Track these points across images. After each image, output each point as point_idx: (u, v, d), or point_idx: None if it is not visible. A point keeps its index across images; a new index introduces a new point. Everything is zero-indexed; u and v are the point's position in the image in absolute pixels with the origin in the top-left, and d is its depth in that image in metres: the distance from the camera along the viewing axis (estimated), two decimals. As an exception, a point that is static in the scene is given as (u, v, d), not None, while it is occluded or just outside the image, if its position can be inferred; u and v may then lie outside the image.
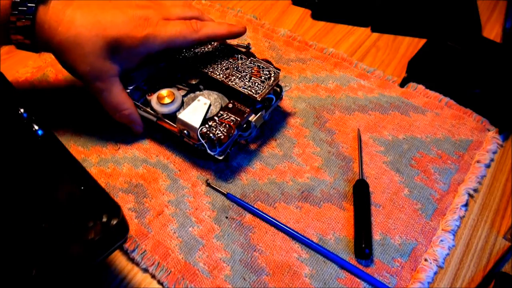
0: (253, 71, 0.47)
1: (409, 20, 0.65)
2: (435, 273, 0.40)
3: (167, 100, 0.45)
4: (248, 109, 0.45)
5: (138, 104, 0.47)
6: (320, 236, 0.42)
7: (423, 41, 0.61)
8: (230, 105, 0.45)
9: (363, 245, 0.40)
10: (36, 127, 0.37)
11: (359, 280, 0.39)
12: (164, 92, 0.46)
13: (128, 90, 0.46)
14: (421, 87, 0.56)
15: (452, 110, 0.53)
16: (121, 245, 0.35)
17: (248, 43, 0.61)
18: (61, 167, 0.35)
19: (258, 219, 0.44)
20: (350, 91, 0.56)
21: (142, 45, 0.44)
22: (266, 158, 0.49)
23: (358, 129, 0.51)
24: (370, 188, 0.45)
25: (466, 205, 0.45)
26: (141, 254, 0.41)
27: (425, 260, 0.41)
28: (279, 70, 0.47)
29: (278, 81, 0.47)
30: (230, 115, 0.44)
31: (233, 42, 0.62)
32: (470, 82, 0.53)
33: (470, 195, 0.46)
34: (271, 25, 0.64)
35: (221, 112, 0.44)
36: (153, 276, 0.40)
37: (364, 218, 0.42)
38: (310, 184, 0.46)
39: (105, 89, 0.44)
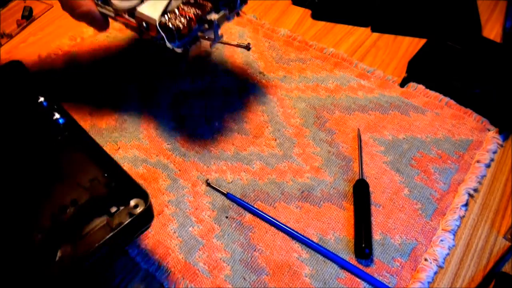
0: None
1: (409, 20, 0.65)
2: (435, 273, 0.40)
3: None
4: (210, 4, 0.43)
5: (97, 2, 0.44)
6: (320, 236, 0.42)
7: (423, 41, 0.61)
8: (192, 0, 0.43)
9: (363, 245, 0.40)
10: (58, 115, 0.40)
11: (359, 280, 0.39)
12: None
13: None
14: (421, 87, 0.56)
15: (452, 110, 0.53)
16: (146, 230, 0.36)
17: (248, 43, 0.61)
18: (88, 155, 0.37)
19: (258, 219, 0.44)
20: (350, 91, 0.56)
21: None
22: (266, 158, 0.49)
23: (358, 129, 0.51)
24: (370, 188, 0.45)
25: (466, 205, 0.45)
26: (141, 253, 0.41)
27: (425, 260, 0.41)
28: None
29: None
30: (191, 8, 0.42)
31: (233, 42, 0.62)
32: (470, 82, 0.53)
33: (470, 195, 0.46)
34: (271, 25, 0.64)
35: (182, 6, 0.42)
36: (153, 276, 0.40)
37: (364, 218, 0.42)
38: (310, 184, 0.46)
39: None
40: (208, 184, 0.46)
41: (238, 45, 0.61)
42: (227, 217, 0.44)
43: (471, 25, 0.64)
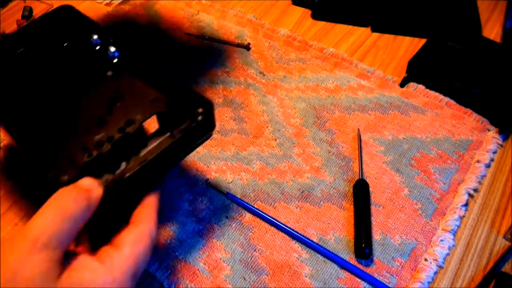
0: None
1: (409, 20, 0.65)
2: (435, 273, 0.40)
3: None
4: None
5: None
6: (320, 236, 0.42)
7: (423, 41, 0.61)
8: None
9: (363, 245, 0.40)
10: (113, 49, 0.42)
11: (359, 280, 0.39)
12: None
13: None
14: (421, 87, 0.56)
15: (452, 110, 0.53)
16: (207, 139, 0.38)
17: (248, 43, 0.61)
18: (147, 80, 0.39)
19: (258, 219, 0.44)
20: (350, 91, 0.56)
21: None
22: (266, 158, 0.49)
23: (358, 129, 0.51)
24: (370, 188, 0.45)
25: (466, 205, 0.45)
26: (141, 254, 0.41)
27: (425, 260, 0.41)
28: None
29: None
30: None
31: (233, 42, 0.62)
32: (470, 82, 0.53)
33: (470, 195, 0.46)
34: (271, 25, 0.64)
35: None
36: (153, 276, 0.40)
37: (364, 218, 0.42)
38: (310, 184, 0.46)
39: None
40: (208, 184, 0.46)
41: (238, 45, 0.61)
42: (227, 217, 0.44)
43: (471, 25, 0.64)
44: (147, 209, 0.34)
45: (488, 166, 0.48)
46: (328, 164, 0.48)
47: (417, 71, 0.56)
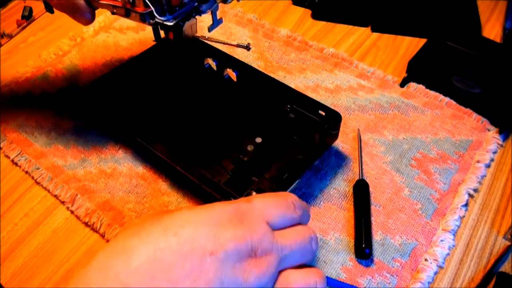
0: None
1: (409, 20, 0.65)
2: (435, 273, 0.40)
3: None
4: None
5: None
6: (320, 236, 0.42)
7: (423, 41, 0.61)
8: None
9: (363, 245, 0.40)
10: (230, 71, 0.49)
11: (359, 280, 0.39)
12: None
13: None
14: (421, 87, 0.56)
15: (452, 110, 0.53)
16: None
17: (248, 43, 0.61)
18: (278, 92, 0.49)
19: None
20: (350, 91, 0.56)
21: None
22: (266, 158, 0.49)
23: (358, 129, 0.51)
24: (370, 188, 0.45)
25: (466, 205, 0.45)
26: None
27: (425, 260, 0.41)
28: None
29: None
30: None
31: (233, 42, 0.62)
32: (470, 82, 0.53)
33: (470, 195, 0.46)
34: (271, 25, 0.64)
35: None
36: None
37: (364, 218, 0.42)
38: (310, 184, 0.46)
39: None
40: (208, 184, 0.46)
41: (238, 45, 0.61)
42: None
43: (471, 25, 0.64)
44: None
45: (488, 166, 0.48)
46: (328, 164, 0.48)
47: (417, 71, 0.56)
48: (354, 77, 0.57)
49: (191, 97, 0.51)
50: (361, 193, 0.44)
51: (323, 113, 0.46)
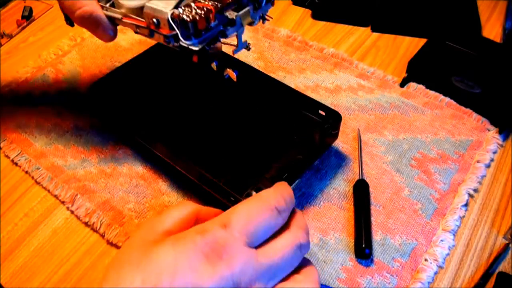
0: None
1: (409, 20, 0.65)
2: (435, 273, 0.40)
3: None
4: None
5: (102, 4, 0.40)
6: (320, 236, 0.42)
7: (423, 41, 0.61)
8: None
9: (363, 245, 0.40)
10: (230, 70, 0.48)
11: (359, 280, 0.39)
12: None
13: None
14: (421, 87, 0.56)
15: (452, 110, 0.53)
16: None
17: (248, 43, 0.61)
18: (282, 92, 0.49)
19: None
20: (350, 91, 0.56)
21: None
22: (266, 158, 0.49)
23: (358, 129, 0.51)
24: (370, 188, 0.45)
25: (466, 205, 0.45)
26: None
27: (425, 260, 0.41)
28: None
29: None
30: (209, 1, 0.36)
31: (233, 42, 0.62)
32: (470, 82, 0.53)
33: (470, 195, 0.46)
34: (271, 25, 0.64)
35: None
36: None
37: (364, 218, 0.42)
38: (310, 184, 0.46)
39: None
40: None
41: (238, 45, 0.61)
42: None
43: (471, 25, 0.64)
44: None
45: (488, 166, 0.48)
46: (328, 164, 0.48)
47: (417, 71, 0.56)
48: (354, 77, 0.57)
49: (191, 97, 0.51)
50: (361, 193, 0.44)
51: (323, 113, 0.46)
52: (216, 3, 0.36)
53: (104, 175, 0.47)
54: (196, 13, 0.34)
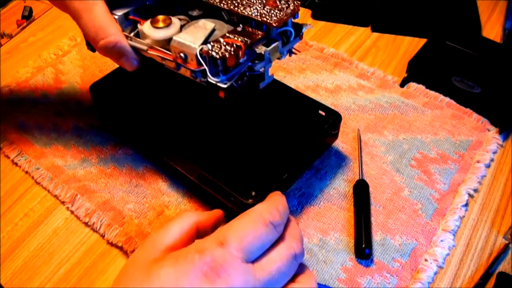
0: (267, 1, 0.39)
1: (409, 20, 0.65)
2: (435, 273, 0.40)
3: (162, 24, 0.37)
4: (261, 32, 0.37)
5: (127, 34, 0.39)
6: (320, 236, 0.42)
7: (423, 41, 0.61)
8: (240, 28, 0.37)
9: (363, 245, 0.40)
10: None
11: (359, 280, 0.39)
12: (159, 16, 0.38)
13: (116, 17, 0.38)
14: (421, 87, 0.56)
15: (452, 110, 0.53)
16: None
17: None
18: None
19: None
20: (350, 91, 0.56)
21: None
22: (266, 158, 0.49)
23: (358, 129, 0.51)
24: (370, 188, 0.45)
25: (466, 205, 0.45)
26: (141, 254, 0.41)
27: (425, 260, 0.41)
28: (300, 1, 0.40)
29: (298, 10, 0.39)
30: (239, 36, 0.35)
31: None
32: (470, 82, 0.53)
33: (470, 195, 0.46)
34: (271, 25, 0.64)
35: (228, 34, 0.36)
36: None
37: (364, 218, 0.42)
38: (310, 184, 0.46)
39: (86, 9, 0.36)
40: (209, 184, 0.46)
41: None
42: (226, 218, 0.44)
43: (471, 25, 0.64)
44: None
45: (488, 166, 0.48)
46: (328, 164, 0.48)
47: (417, 71, 0.56)
48: (354, 77, 0.57)
49: (191, 97, 0.51)
50: (361, 193, 0.44)
51: (323, 113, 0.46)
52: (246, 39, 0.35)
53: (104, 175, 0.47)
54: (226, 49, 0.34)
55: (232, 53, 0.33)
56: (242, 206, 0.39)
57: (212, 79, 0.34)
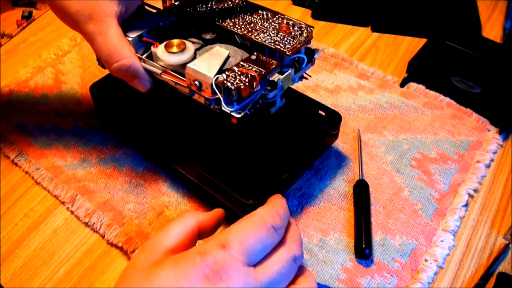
0: (281, 26, 0.39)
1: (409, 20, 0.65)
2: (435, 273, 0.40)
3: (176, 49, 0.38)
4: (275, 61, 0.37)
5: (140, 56, 0.39)
6: (320, 237, 0.42)
7: (423, 41, 0.61)
8: (254, 57, 0.37)
9: (363, 246, 0.40)
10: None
11: (359, 281, 0.39)
12: (173, 40, 0.38)
13: (130, 39, 0.39)
14: (421, 87, 0.56)
15: (452, 110, 0.53)
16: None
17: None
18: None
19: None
20: (350, 91, 0.56)
21: None
22: (266, 158, 0.49)
23: (358, 129, 0.51)
24: (370, 189, 0.45)
25: (466, 205, 0.45)
26: (141, 254, 0.41)
27: (425, 260, 0.41)
28: (313, 27, 0.40)
29: (311, 38, 0.39)
30: (253, 66, 0.36)
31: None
32: (470, 82, 0.53)
33: (470, 195, 0.46)
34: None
35: (242, 63, 0.36)
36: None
37: (364, 218, 0.42)
38: (310, 184, 0.46)
39: (100, 32, 0.36)
40: (209, 185, 0.46)
41: (238, 45, 0.61)
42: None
43: (471, 25, 0.64)
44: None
45: (488, 166, 0.48)
46: (328, 164, 0.48)
47: (417, 71, 0.56)
48: (354, 77, 0.57)
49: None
50: (361, 193, 0.44)
51: (323, 113, 0.46)
52: (260, 68, 0.36)
53: (104, 175, 0.47)
54: (241, 80, 0.34)
55: (247, 84, 0.34)
56: (242, 206, 0.39)
57: (226, 109, 0.35)
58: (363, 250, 0.40)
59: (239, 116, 0.35)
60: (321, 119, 0.46)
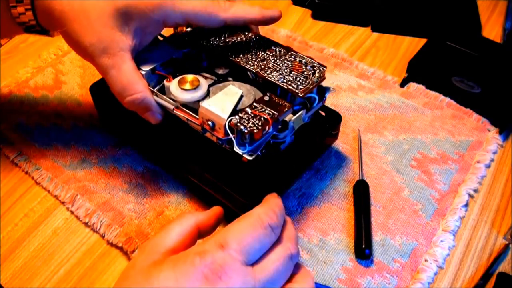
0: (293, 65, 0.40)
1: (409, 20, 0.65)
2: (435, 274, 0.40)
3: (189, 86, 0.38)
4: (288, 104, 0.37)
5: (153, 90, 0.39)
6: (320, 237, 0.42)
7: (423, 41, 0.61)
8: (267, 98, 0.37)
9: (363, 246, 0.40)
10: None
11: (359, 281, 0.39)
12: (187, 76, 0.39)
13: (143, 72, 0.39)
14: (421, 87, 0.56)
15: (452, 110, 0.53)
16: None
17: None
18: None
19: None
20: (350, 91, 0.56)
21: (157, 11, 0.37)
22: (266, 158, 0.49)
23: (358, 129, 0.51)
24: (370, 189, 0.45)
25: (466, 205, 0.45)
26: (141, 254, 0.41)
27: (425, 260, 0.41)
28: (325, 67, 0.40)
29: (324, 78, 0.40)
30: (265, 107, 0.36)
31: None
32: (470, 82, 0.53)
33: (470, 195, 0.46)
34: (271, 25, 0.64)
35: (255, 104, 0.36)
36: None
37: (364, 218, 0.42)
38: (310, 184, 0.46)
39: (114, 66, 0.37)
40: (208, 185, 0.46)
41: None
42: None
43: (471, 25, 0.64)
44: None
45: (488, 166, 0.48)
46: (328, 164, 0.48)
47: (417, 71, 0.56)
48: (354, 77, 0.57)
49: None
50: (361, 193, 0.44)
51: (323, 113, 0.46)
52: (273, 111, 0.36)
53: (104, 175, 0.47)
54: (254, 123, 0.35)
55: (260, 127, 0.34)
56: (242, 206, 0.39)
57: (238, 150, 0.35)
58: (363, 250, 0.40)
59: (251, 158, 0.35)
60: (321, 119, 0.46)
